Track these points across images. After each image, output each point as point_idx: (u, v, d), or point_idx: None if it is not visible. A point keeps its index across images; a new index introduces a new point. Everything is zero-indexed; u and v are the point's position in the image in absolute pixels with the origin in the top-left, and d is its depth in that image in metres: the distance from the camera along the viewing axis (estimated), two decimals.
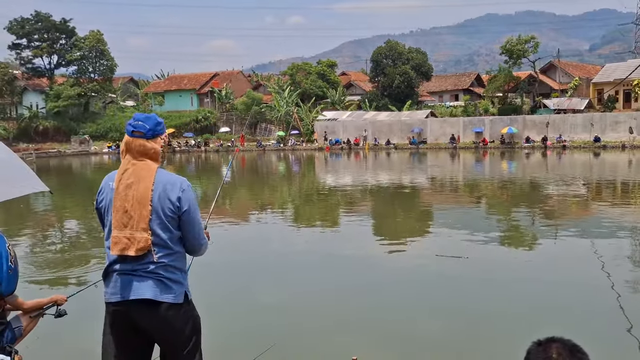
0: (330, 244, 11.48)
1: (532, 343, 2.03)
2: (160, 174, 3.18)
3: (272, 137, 59.46)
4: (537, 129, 47.31)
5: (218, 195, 5.25)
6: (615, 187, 20.92)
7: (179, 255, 3.22)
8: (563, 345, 1.97)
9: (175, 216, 3.15)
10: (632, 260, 9.45)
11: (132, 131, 3.17)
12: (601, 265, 8.73)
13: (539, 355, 1.95)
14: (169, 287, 3.11)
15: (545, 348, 1.96)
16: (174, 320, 3.12)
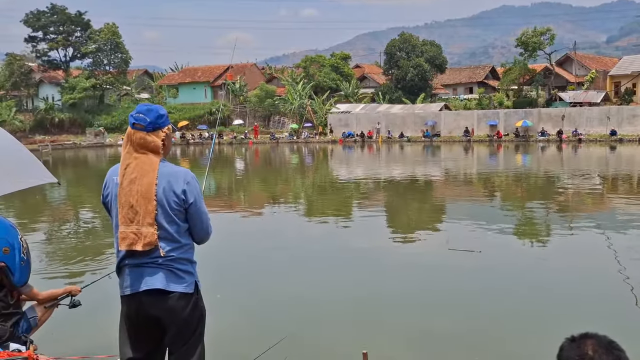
0: (343, 237, 11.47)
1: (565, 339, 1.94)
2: (163, 167, 3.16)
3: (286, 129, 59.47)
4: (553, 122, 46.85)
5: (207, 173, 5.41)
6: (631, 181, 20.67)
7: (188, 247, 3.24)
8: (598, 341, 1.88)
9: (182, 209, 3.15)
10: None
11: (134, 123, 3.15)
12: (615, 259, 8.62)
13: (572, 353, 1.86)
14: (180, 277, 3.15)
15: (579, 344, 1.87)
16: (184, 309, 3.16)
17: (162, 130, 3.19)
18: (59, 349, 5.07)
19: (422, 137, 50.60)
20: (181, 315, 3.15)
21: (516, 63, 55.49)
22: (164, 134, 3.20)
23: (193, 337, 3.24)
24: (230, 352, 5.40)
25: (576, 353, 1.85)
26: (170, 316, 3.15)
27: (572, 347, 1.88)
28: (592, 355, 1.81)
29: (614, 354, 1.83)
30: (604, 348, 1.84)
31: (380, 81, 65.25)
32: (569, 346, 1.89)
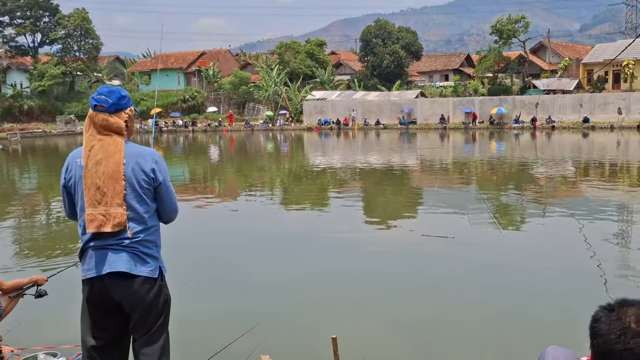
0: (319, 224, 11.42)
1: (601, 308, 1.67)
2: (130, 147, 3.15)
3: (261, 116, 59.01)
4: (527, 109, 47.30)
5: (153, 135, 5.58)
6: (603, 168, 20.93)
7: (154, 229, 3.22)
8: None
9: (151, 187, 3.16)
10: (618, 241, 9.41)
11: (95, 105, 3.12)
12: (587, 246, 8.69)
13: (613, 326, 1.59)
14: (145, 261, 3.11)
15: (619, 315, 1.61)
16: (148, 294, 3.12)
17: (125, 111, 3.18)
18: (24, 339, 4.93)
19: (399, 125, 50.68)
20: (145, 299, 3.11)
21: (491, 51, 55.84)
22: (127, 115, 3.18)
23: (157, 323, 3.19)
24: (202, 341, 5.31)
25: (618, 326, 1.59)
26: (134, 300, 3.10)
27: (612, 319, 1.61)
28: (636, 329, 1.56)
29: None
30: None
31: (356, 68, 65.08)
32: (607, 318, 1.63)
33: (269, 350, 4.84)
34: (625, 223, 10.94)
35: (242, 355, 4.81)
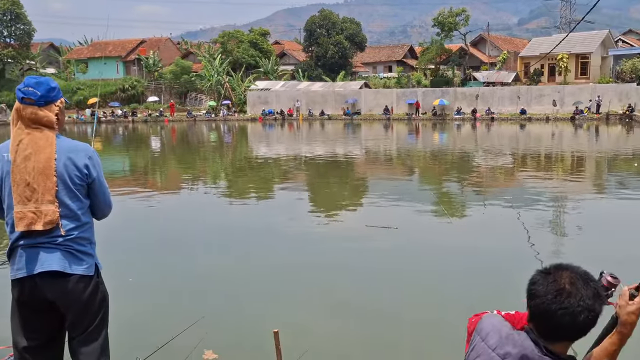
0: (262, 215, 11.23)
1: (538, 272, 1.76)
2: (61, 141, 2.99)
3: (203, 107, 57.85)
4: (468, 101, 48.28)
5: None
6: (539, 158, 21.53)
7: (88, 226, 3.09)
8: (575, 273, 1.72)
9: (84, 184, 3.03)
10: (554, 228, 9.63)
11: (23, 98, 2.93)
12: (525, 232, 8.87)
13: (549, 287, 1.69)
14: (79, 259, 3.00)
15: (555, 278, 1.70)
16: (84, 292, 3.01)
17: (55, 104, 3.02)
18: None
19: (343, 115, 50.76)
20: (81, 298, 3.00)
21: (433, 43, 56.65)
22: (57, 108, 3.03)
23: (95, 321, 3.09)
24: (143, 337, 5.13)
25: (553, 288, 1.69)
26: (69, 300, 2.98)
27: (547, 280, 1.71)
28: (570, 289, 1.67)
29: (591, 286, 1.70)
30: (582, 280, 1.70)
31: (300, 58, 64.74)
32: (543, 280, 1.72)
33: (213, 345, 4.81)
34: (559, 211, 11.21)
35: (185, 350, 4.71)
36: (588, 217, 10.59)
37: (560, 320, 1.67)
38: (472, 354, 1.82)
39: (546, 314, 1.69)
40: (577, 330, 1.69)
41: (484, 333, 1.82)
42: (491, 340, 1.78)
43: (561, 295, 1.67)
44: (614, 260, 7.24)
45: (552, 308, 1.67)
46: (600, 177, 16.88)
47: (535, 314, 1.73)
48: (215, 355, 4.74)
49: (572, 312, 1.65)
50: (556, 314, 1.66)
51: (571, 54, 50.04)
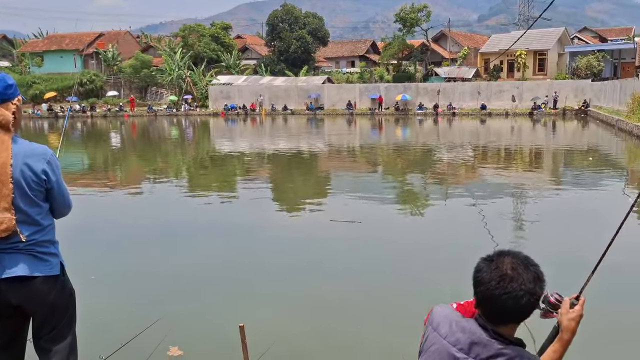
0: (226, 211, 11.13)
1: (481, 259, 1.85)
2: (18, 145, 2.83)
3: (164, 101, 56.97)
4: (430, 96, 48.84)
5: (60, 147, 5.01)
6: (499, 153, 21.94)
7: (49, 228, 2.98)
8: (516, 258, 1.81)
9: (43, 189, 2.89)
10: (513, 221, 9.82)
11: None
12: (484, 225, 9.02)
13: (493, 274, 1.77)
14: (44, 260, 2.92)
15: (498, 264, 1.79)
16: (50, 293, 2.94)
17: (12, 102, 2.85)
18: None
19: (306, 110, 50.72)
20: (47, 299, 2.93)
21: (395, 38, 57.08)
22: (15, 107, 2.86)
23: (63, 320, 3.04)
24: (106, 335, 4.99)
25: (497, 274, 1.77)
26: (35, 302, 2.92)
27: (491, 267, 1.80)
28: (511, 275, 1.75)
29: (531, 270, 1.79)
30: (523, 265, 1.79)
31: (263, 53, 64.36)
32: (487, 267, 1.81)
33: (177, 341, 4.78)
34: (518, 204, 11.44)
35: (149, 347, 4.63)
36: (546, 210, 10.83)
37: (504, 304, 1.74)
38: (426, 344, 1.89)
39: (491, 300, 1.77)
40: (521, 313, 1.77)
41: (435, 323, 1.89)
42: (442, 329, 1.85)
43: (504, 281, 1.74)
44: (570, 253, 7.43)
45: (496, 293, 1.75)
46: (557, 170, 17.30)
47: (482, 300, 1.81)
48: (180, 351, 4.69)
49: (514, 296, 1.73)
50: (500, 298, 1.74)
51: (529, 50, 51.12)
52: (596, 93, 43.55)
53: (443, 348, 1.82)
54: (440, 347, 1.82)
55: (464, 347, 1.79)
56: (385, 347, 4.91)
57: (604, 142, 25.52)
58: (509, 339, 1.80)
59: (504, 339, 1.78)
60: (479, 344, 1.78)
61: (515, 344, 1.80)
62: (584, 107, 42.87)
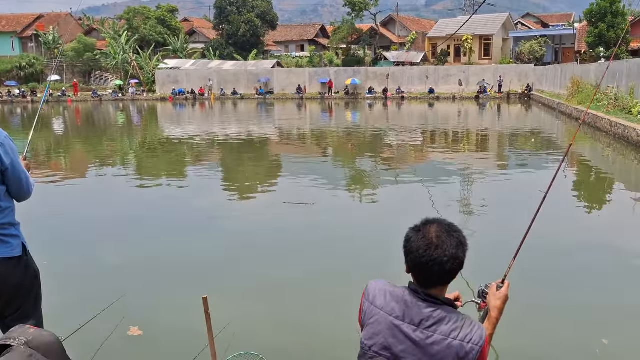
0: (177, 197, 11.00)
1: (410, 229, 1.99)
2: None
3: (109, 86, 55.38)
4: (379, 80, 49.25)
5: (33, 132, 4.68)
6: (447, 136, 22.41)
7: (9, 210, 2.99)
8: (440, 226, 1.95)
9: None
10: (460, 203, 10.09)
11: None
12: (433, 205, 9.24)
13: (420, 242, 1.92)
14: (5, 242, 2.94)
15: (424, 234, 1.94)
16: (13, 274, 2.97)
17: None
18: None
19: (256, 95, 50.32)
20: (10, 280, 2.96)
21: (344, 22, 57.13)
22: None
23: (28, 300, 3.08)
24: (63, 319, 4.90)
25: (423, 243, 1.91)
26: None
27: (418, 237, 1.94)
28: (436, 243, 1.90)
29: (454, 237, 1.93)
30: (446, 232, 1.93)
31: (211, 36, 63.33)
32: (415, 236, 1.95)
33: (137, 322, 4.84)
34: (465, 186, 11.76)
35: (108, 328, 4.64)
36: (491, 192, 11.18)
37: (431, 270, 1.89)
38: (366, 317, 2.01)
39: (420, 266, 1.92)
40: (447, 276, 1.92)
41: (372, 297, 2.02)
42: (378, 301, 1.99)
43: (430, 249, 1.89)
44: (512, 230, 7.70)
45: (424, 260, 1.90)
46: (502, 153, 17.83)
47: (412, 267, 1.96)
48: (140, 331, 4.72)
49: (440, 262, 1.88)
50: (427, 265, 1.89)
51: (475, 35, 52.18)
52: (539, 77, 44.92)
53: (382, 318, 1.94)
54: (379, 318, 1.95)
55: (399, 314, 1.93)
56: (338, 325, 5.00)
57: (545, 125, 26.43)
58: (440, 299, 1.93)
59: (435, 300, 1.92)
60: (412, 308, 1.92)
61: (446, 304, 1.94)
62: (527, 91, 44.18)
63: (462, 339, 1.85)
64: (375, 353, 1.93)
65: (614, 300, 5.66)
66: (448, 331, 1.86)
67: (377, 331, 1.94)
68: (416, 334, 1.88)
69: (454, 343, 1.84)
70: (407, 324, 1.90)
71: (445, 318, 1.89)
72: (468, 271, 6.53)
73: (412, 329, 1.89)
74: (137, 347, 4.63)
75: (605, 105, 23.04)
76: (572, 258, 6.93)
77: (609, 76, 25.26)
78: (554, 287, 6.06)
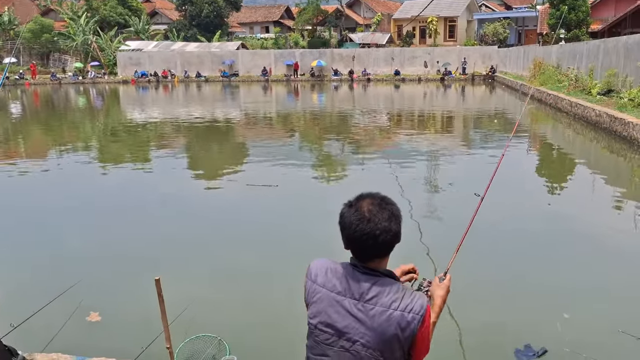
0: (141, 182, 10.84)
1: (344, 205, 1.98)
2: None
3: (69, 69, 53.86)
4: (345, 62, 49.11)
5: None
6: (412, 117, 22.53)
7: None
8: (372, 200, 1.95)
9: None
10: (425, 184, 10.18)
11: None
12: (399, 188, 9.29)
13: (352, 217, 1.92)
14: None
15: (356, 208, 1.93)
16: None
17: None
18: None
19: (220, 77, 49.65)
20: None
21: (309, 4, 56.62)
22: None
23: None
24: (17, 305, 4.88)
25: (356, 217, 1.91)
26: None
27: (351, 212, 1.94)
28: (368, 217, 1.89)
29: (387, 209, 1.93)
30: (378, 206, 1.93)
31: (174, 17, 62.08)
32: (347, 211, 1.95)
33: (94, 306, 4.86)
34: (431, 167, 11.86)
35: (64, 314, 4.59)
36: (456, 171, 11.29)
37: (365, 243, 1.89)
38: (309, 296, 2.01)
39: (354, 241, 1.92)
40: (382, 249, 1.92)
41: (314, 275, 2.02)
42: (319, 279, 1.99)
43: (362, 223, 1.89)
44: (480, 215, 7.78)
45: (357, 235, 1.90)
46: (467, 134, 18.02)
47: (347, 242, 1.96)
48: (99, 317, 4.72)
49: (372, 235, 1.88)
50: (361, 239, 1.89)
51: (440, 17, 52.36)
52: (502, 59, 45.44)
53: (324, 296, 1.95)
54: (321, 296, 1.96)
55: (340, 289, 1.93)
56: (295, 305, 4.99)
57: (509, 106, 26.80)
58: (379, 271, 1.93)
59: (374, 272, 1.93)
60: (352, 283, 1.92)
61: (386, 276, 1.94)
62: (491, 72, 44.68)
63: (402, 309, 1.85)
64: (320, 331, 1.94)
65: (576, 275, 5.79)
66: (388, 302, 1.87)
67: (321, 309, 1.95)
68: (358, 308, 1.89)
69: (394, 314, 1.85)
70: (348, 298, 1.91)
71: (385, 290, 1.89)
72: (432, 243, 6.58)
73: (353, 303, 1.90)
74: (95, 332, 4.58)
75: (566, 87, 23.46)
76: (534, 235, 7.05)
77: (570, 57, 25.70)
78: (515, 263, 6.16)
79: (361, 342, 1.88)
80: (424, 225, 7.34)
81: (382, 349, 1.87)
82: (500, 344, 4.44)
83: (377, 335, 1.86)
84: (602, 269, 5.94)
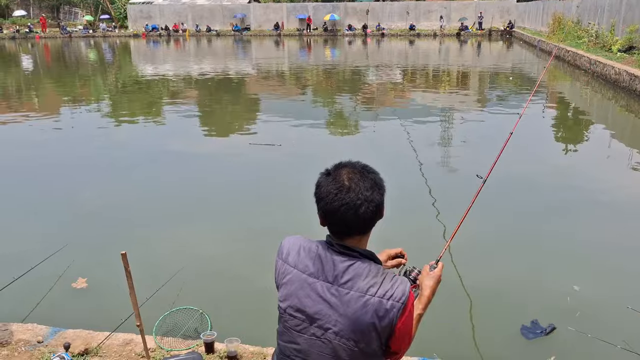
0: (151, 138, 10.86)
1: (320, 174, 1.78)
2: None
3: (79, 22, 53.31)
4: (358, 16, 48.14)
5: None
6: (427, 74, 22.14)
7: None
8: (353, 168, 1.75)
9: None
10: (439, 144, 10.05)
11: None
12: (410, 144, 9.22)
13: (331, 187, 1.71)
14: None
15: (335, 177, 1.73)
16: None
17: None
18: None
19: (232, 31, 48.95)
20: None
21: None
22: None
23: None
24: (3, 268, 4.60)
25: (334, 186, 1.71)
26: None
27: (328, 180, 1.74)
28: (348, 185, 1.70)
29: (369, 177, 1.74)
30: (359, 174, 1.73)
31: None
32: (325, 180, 1.75)
33: (81, 271, 4.85)
34: (445, 126, 11.69)
35: (51, 278, 4.62)
36: (470, 131, 11.12)
37: (344, 215, 1.69)
38: (279, 277, 1.83)
39: (331, 213, 1.71)
40: (363, 223, 1.72)
41: (285, 254, 1.84)
42: (291, 258, 1.81)
43: (341, 192, 1.69)
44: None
45: (335, 206, 1.69)
46: (483, 92, 17.70)
47: (324, 215, 1.74)
48: (85, 284, 4.72)
49: (353, 205, 1.68)
50: (339, 210, 1.69)
51: None
52: (520, 14, 44.28)
53: (295, 277, 1.77)
54: (292, 277, 1.78)
55: (313, 271, 1.75)
56: None
57: (526, 63, 26.23)
58: (357, 250, 1.74)
59: (351, 252, 1.73)
60: (326, 264, 1.74)
61: (365, 257, 1.74)
62: (509, 28, 43.63)
63: (381, 295, 1.65)
64: (290, 316, 1.77)
65: (589, 244, 5.71)
66: (365, 287, 1.67)
67: (291, 292, 1.77)
68: (331, 292, 1.71)
69: (371, 300, 1.65)
70: (321, 281, 1.72)
71: (362, 273, 1.69)
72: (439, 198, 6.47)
73: (326, 287, 1.71)
74: (80, 298, 4.58)
75: (585, 43, 22.85)
76: (548, 199, 6.95)
77: (591, 12, 24.94)
78: (528, 228, 6.09)
79: (333, 330, 1.70)
80: (439, 178, 7.25)
81: (357, 339, 1.69)
82: (506, 317, 4.33)
83: (351, 323, 1.68)
84: (616, 239, 5.82)
